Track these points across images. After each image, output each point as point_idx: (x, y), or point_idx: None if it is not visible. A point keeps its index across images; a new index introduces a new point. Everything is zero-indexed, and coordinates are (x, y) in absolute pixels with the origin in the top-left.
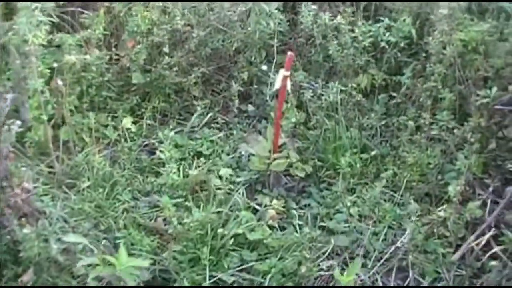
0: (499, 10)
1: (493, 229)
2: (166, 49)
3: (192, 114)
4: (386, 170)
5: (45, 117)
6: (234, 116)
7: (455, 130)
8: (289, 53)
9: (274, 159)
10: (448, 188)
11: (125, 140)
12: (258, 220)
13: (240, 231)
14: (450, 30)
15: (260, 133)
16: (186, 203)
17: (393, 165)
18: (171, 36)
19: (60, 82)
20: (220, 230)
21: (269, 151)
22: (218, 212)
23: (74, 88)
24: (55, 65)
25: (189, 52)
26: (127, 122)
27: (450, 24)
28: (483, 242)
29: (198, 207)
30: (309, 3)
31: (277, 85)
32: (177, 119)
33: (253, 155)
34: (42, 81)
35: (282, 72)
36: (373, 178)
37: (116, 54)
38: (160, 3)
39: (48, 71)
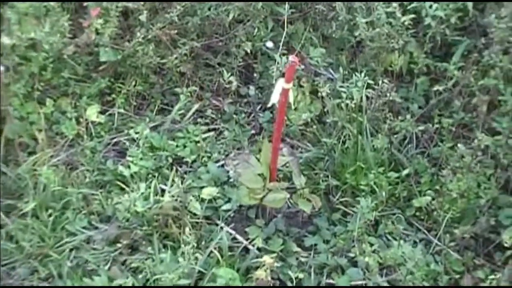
0: None
1: None
2: (143, 18)
3: (178, 98)
4: (420, 193)
5: None
6: (231, 103)
7: None
8: (291, 58)
9: (269, 190)
10: (501, 232)
11: (89, 137)
12: (246, 272)
13: None
14: None
15: (260, 129)
16: (149, 249)
17: (431, 188)
18: (149, 1)
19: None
20: None
21: (264, 178)
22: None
23: (20, 73)
24: None
25: (172, 22)
26: (92, 112)
27: None
28: None
29: (165, 246)
30: None
31: (274, 99)
32: (159, 104)
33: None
34: None
35: (281, 84)
36: (403, 207)
37: (78, 24)
38: None
39: None
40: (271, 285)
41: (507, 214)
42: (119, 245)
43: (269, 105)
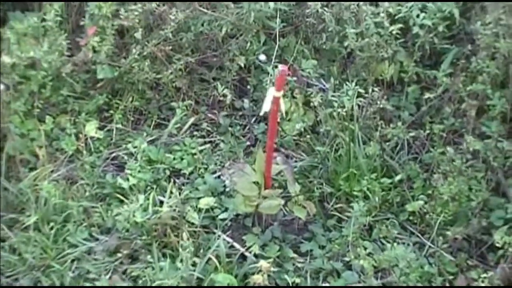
0: None
1: None
2: (138, 35)
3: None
4: (413, 198)
5: None
6: (226, 115)
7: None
8: (280, 67)
9: (264, 198)
10: (493, 233)
11: (88, 152)
12: (244, 277)
13: None
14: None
15: (255, 141)
16: (148, 257)
17: (423, 193)
18: (144, 19)
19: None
20: None
21: (259, 187)
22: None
23: (20, 91)
24: None
25: (167, 39)
26: (91, 128)
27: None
28: None
29: (164, 255)
30: None
31: (266, 107)
32: (156, 119)
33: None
34: None
35: (272, 93)
36: (396, 211)
37: (75, 43)
38: None
39: None
40: None
41: (499, 215)
42: (119, 255)
43: (261, 113)
